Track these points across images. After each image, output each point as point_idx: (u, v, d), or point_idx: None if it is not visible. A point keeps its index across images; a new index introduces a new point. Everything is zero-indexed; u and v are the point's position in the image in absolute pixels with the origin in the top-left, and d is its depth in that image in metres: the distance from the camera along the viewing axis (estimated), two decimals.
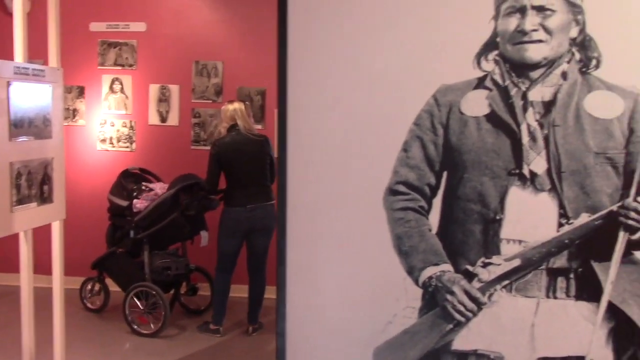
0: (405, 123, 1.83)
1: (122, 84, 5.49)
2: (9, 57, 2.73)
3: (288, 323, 1.95)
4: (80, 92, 5.54)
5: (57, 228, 2.98)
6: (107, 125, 5.53)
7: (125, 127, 5.51)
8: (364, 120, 1.86)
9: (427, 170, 1.83)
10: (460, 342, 1.83)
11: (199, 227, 4.67)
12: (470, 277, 1.81)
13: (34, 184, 2.71)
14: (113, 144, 5.52)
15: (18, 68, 2.61)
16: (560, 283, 1.77)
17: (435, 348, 1.84)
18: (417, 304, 1.86)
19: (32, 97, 2.69)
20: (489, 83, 1.78)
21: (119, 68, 5.50)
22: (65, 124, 4.18)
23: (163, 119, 5.48)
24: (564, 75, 1.74)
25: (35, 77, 2.71)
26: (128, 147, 5.51)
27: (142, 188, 4.70)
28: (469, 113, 1.80)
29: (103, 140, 5.53)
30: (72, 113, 5.52)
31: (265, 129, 5.13)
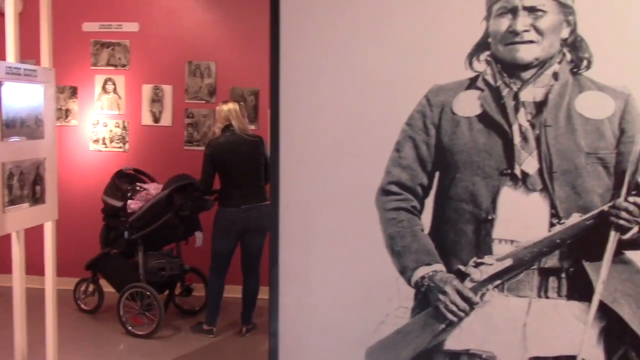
0: (398, 123, 1.83)
1: (115, 84, 5.47)
2: (1, 57, 2.73)
3: (281, 323, 1.94)
4: (73, 92, 5.52)
5: (49, 228, 2.97)
6: (99, 126, 5.51)
7: (118, 127, 5.49)
8: (357, 120, 1.86)
9: (419, 171, 1.83)
10: (453, 341, 1.83)
11: (194, 227, 4.66)
12: (463, 277, 1.81)
13: (26, 185, 2.71)
14: (106, 145, 5.51)
15: (10, 68, 2.61)
16: (552, 283, 1.77)
17: (428, 348, 1.84)
18: (409, 304, 1.86)
19: (24, 97, 2.68)
20: (481, 83, 1.79)
21: (112, 68, 5.48)
22: (58, 125, 4.18)
23: (156, 120, 5.47)
24: (555, 76, 1.75)
25: (27, 77, 2.70)
26: (121, 147, 5.50)
27: (136, 189, 4.69)
28: (461, 113, 1.80)
29: (96, 141, 5.52)
30: (64, 113, 5.51)
31: (259, 129, 5.13)
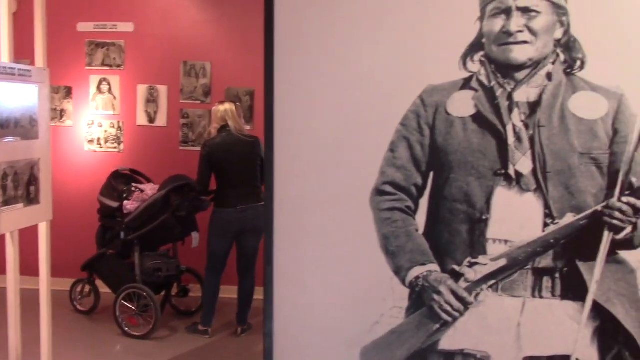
0: (392, 123, 1.84)
1: (109, 85, 5.46)
2: None
3: (275, 323, 1.94)
4: (68, 92, 5.51)
5: (43, 229, 2.96)
6: (94, 126, 5.50)
7: (113, 127, 5.48)
8: (351, 120, 1.86)
9: (413, 171, 1.84)
10: (447, 341, 1.83)
11: (190, 228, 4.65)
12: (457, 277, 1.81)
13: (21, 185, 2.70)
14: (101, 145, 5.50)
15: (4, 68, 2.60)
16: (546, 283, 1.78)
17: (422, 348, 1.85)
18: (404, 304, 1.86)
19: (18, 97, 2.67)
20: (475, 84, 1.79)
21: (107, 68, 5.47)
22: (53, 125, 4.17)
23: (151, 120, 5.46)
24: (549, 76, 1.75)
25: (22, 77, 2.69)
26: (116, 147, 5.49)
27: (132, 189, 4.68)
28: (455, 114, 1.80)
29: (91, 141, 5.51)
30: (59, 113, 5.49)
31: (255, 130, 5.12)
